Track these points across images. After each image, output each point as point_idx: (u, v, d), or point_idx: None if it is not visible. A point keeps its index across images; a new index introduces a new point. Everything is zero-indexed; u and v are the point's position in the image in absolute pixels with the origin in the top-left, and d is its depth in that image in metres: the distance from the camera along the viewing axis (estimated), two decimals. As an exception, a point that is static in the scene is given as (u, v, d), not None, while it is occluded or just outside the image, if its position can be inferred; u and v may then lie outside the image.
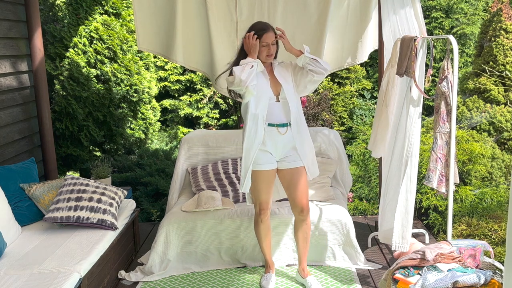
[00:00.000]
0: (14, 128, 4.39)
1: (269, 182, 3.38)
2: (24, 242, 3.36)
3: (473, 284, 2.61)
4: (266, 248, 3.57)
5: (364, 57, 4.39)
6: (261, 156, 3.31)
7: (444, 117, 3.25)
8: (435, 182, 3.31)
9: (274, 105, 3.29)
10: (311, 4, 4.15)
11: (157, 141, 7.89)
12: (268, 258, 3.62)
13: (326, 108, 7.63)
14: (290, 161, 3.35)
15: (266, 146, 3.30)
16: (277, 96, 3.29)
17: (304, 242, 3.50)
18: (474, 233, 3.94)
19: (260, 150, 3.30)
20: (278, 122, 3.29)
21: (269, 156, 3.33)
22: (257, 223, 3.49)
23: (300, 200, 3.39)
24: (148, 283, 3.65)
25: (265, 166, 3.33)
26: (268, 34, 3.24)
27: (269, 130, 3.28)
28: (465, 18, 7.97)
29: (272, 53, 3.28)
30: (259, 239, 3.54)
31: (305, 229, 3.46)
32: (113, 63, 6.14)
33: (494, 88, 5.37)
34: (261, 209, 3.42)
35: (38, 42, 4.62)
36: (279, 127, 3.29)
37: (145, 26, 4.18)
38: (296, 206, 3.41)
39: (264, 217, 3.44)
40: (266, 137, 3.29)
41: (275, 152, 3.34)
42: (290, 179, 3.37)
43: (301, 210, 3.40)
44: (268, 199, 3.42)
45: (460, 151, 4.67)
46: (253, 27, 3.28)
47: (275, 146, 3.31)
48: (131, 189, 4.83)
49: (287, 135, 3.30)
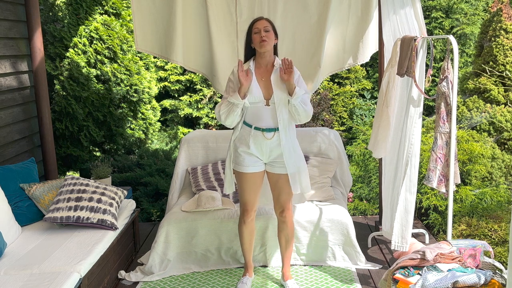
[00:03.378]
0: (14, 128, 4.39)
1: (254, 184, 3.35)
2: (24, 242, 3.36)
3: (473, 284, 2.61)
4: (247, 250, 3.55)
5: (365, 57, 4.37)
6: (247, 158, 3.29)
7: (444, 117, 3.25)
8: (435, 182, 3.31)
9: (263, 109, 3.23)
10: (311, 4, 4.15)
11: (157, 141, 7.89)
12: (248, 261, 3.60)
13: (326, 108, 7.63)
14: (278, 167, 3.31)
15: (251, 149, 3.27)
16: (268, 100, 3.23)
17: (286, 244, 3.49)
18: (474, 233, 3.94)
19: (245, 153, 3.28)
20: (264, 127, 3.23)
21: (255, 159, 3.30)
22: (240, 224, 3.48)
23: (283, 201, 3.38)
24: (148, 283, 3.65)
25: (250, 168, 3.30)
26: (259, 22, 3.22)
27: (255, 134, 3.24)
28: (465, 18, 7.97)
29: (265, 39, 3.17)
30: (241, 240, 3.52)
31: (286, 231, 3.44)
32: (113, 63, 6.15)
33: (494, 88, 5.37)
34: (245, 210, 3.41)
35: (38, 42, 4.62)
36: (265, 132, 3.23)
37: (143, 27, 4.18)
38: (279, 206, 3.41)
39: (247, 219, 3.43)
40: (251, 141, 3.25)
41: (261, 156, 3.30)
42: (277, 182, 3.36)
43: (282, 211, 3.40)
44: (252, 201, 3.38)
45: (460, 151, 4.67)
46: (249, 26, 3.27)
47: (261, 150, 3.27)
48: (131, 189, 4.83)
49: (273, 141, 3.24)
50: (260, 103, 3.22)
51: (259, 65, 3.30)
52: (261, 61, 3.29)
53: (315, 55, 4.17)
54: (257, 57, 3.30)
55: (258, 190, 3.40)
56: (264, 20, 3.24)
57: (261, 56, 3.27)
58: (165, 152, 6.88)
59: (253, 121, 3.25)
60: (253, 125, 3.24)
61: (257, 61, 3.31)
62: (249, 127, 3.26)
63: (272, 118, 3.23)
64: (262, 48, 3.20)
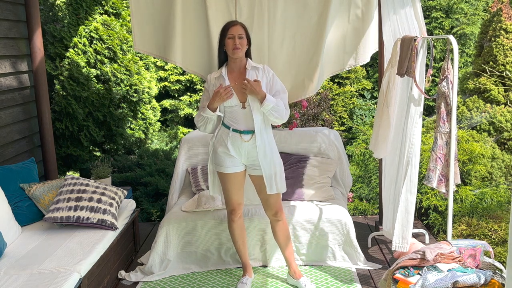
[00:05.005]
0: (14, 128, 4.39)
1: (237, 184, 3.38)
2: (24, 242, 3.36)
3: (473, 284, 2.61)
4: (241, 248, 3.55)
5: (366, 58, 4.36)
6: (226, 159, 3.32)
7: (444, 117, 3.25)
8: (435, 182, 3.31)
9: (239, 112, 3.25)
10: (311, 4, 4.14)
11: (157, 141, 7.89)
12: (244, 260, 3.59)
13: (326, 108, 7.63)
14: (257, 169, 3.33)
15: (229, 151, 3.29)
16: (243, 103, 3.24)
17: (286, 242, 3.49)
18: (474, 233, 3.94)
19: (224, 154, 3.31)
20: (242, 129, 3.26)
21: (234, 159, 3.32)
22: (229, 223, 3.50)
23: (274, 203, 3.39)
24: (148, 283, 3.65)
25: (230, 169, 3.33)
26: (234, 27, 3.22)
27: (233, 135, 3.26)
28: (465, 18, 7.97)
29: (239, 46, 3.20)
30: (233, 239, 3.53)
31: (283, 228, 3.46)
32: (113, 63, 6.15)
33: (494, 88, 5.37)
34: (232, 210, 3.44)
35: (38, 42, 4.62)
36: (242, 134, 3.26)
37: (142, 27, 4.16)
38: (270, 209, 3.41)
39: (235, 217, 3.45)
40: (229, 142, 3.27)
41: (239, 157, 3.32)
42: (260, 185, 3.37)
43: (275, 213, 3.41)
44: (237, 199, 3.42)
45: (460, 151, 4.67)
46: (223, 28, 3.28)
47: (238, 151, 3.29)
48: (131, 189, 4.83)
49: (250, 143, 3.27)
50: (236, 106, 3.25)
51: (232, 70, 3.32)
52: (233, 65, 3.32)
53: (315, 55, 4.16)
54: (229, 61, 3.33)
55: (242, 188, 3.43)
56: (239, 25, 3.25)
57: (234, 61, 3.30)
58: (165, 152, 6.88)
59: (231, 123, 3.28)
60: (231, 127, 3.27)
61: (229, 66, 3.33)
62: (227, 128, 3.29)
63: (249, 120, 3.25)
64: (235, 54, 3.24)
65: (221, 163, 3.33)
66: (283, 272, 3.75)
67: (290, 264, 3.54)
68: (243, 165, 3.37)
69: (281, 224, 3.45)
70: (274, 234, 3.50)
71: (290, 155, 4.34)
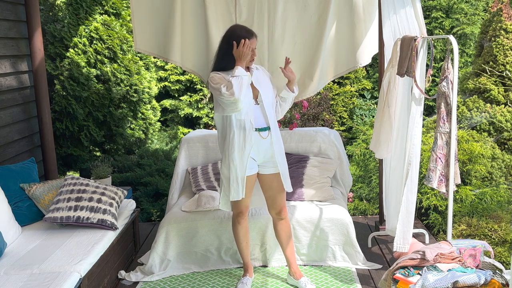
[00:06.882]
0: (14, 128, 4.39)
1: (251, 186, 3.38)
2: (24, 242, 3.36)
3: (473, 284, 2.61)
4: (244, 249, 3.55)
5: (367, 59, 4.35)
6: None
7: (444, 117, 3.25)
8: (435, 182, 3.31)
9: (252, 108, 3.24)
10: (311, 4, 4.14)
11: (157, 141, 7.89)
12: (246, 261, 3.60)
13: (326, 108, 7.63)
14: (270, 167, 3.34)
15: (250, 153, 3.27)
16: (256, 100, 3.26)
17: (288, 241, 3.50)
18: (474, 233, 3.94)
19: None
20: (259, 126, 3.26)
21: (251, 161, 3.30)
22: (234, 224, 3.49)
23: (280, 202, 3.41)
24: (148, 283, 3.65)
25: (248, 171, 3.30)
26: (253, 41, 3.21)
27: (252, 136, 3.24)
28: (465, 18, 7.97)
29: (254, 58, 3.28)
30: (236, 240, 3.53)
31: (285, 227, 3.47)
32: (113, 63, 6.15)
33: (494, 88, 5.37)
34: (240, 212, 3.43)
35: (38, 42, 4.62)
36: (261, 131, 3.27)
37: (142, 27, 4.17)
38: (275, 207, 3.42)
39: (241, 219, 3.45)
40: (248, 144, 3.23)
41: (257, 157, 3.32)
42: (271, 183, 3.37)
43: (279, 211, 3.43)
44: (247, 202, 3.42)
45: (460, 151, 4.67)
46: (241, 31, 3.19)
47: (257, 150, 3.29)
48: (131, 189, 4.83)
49: (268, 140, 3.29)
50: (250, 102, 3.24)
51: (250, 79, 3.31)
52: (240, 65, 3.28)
53: (315, 55, 4.16)
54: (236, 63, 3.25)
55: (252, 191, 3.43)
56: (255, 38, 3.23)
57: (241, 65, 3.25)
58: (165, 152, 6.88)
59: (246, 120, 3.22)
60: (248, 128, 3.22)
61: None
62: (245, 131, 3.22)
63: (263, 116, 3.27)
64: (250, 64, 3.29)
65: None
66: (283, 272, 3.75)
67: (291, 264, 3.54)
68: (256, 166, 3.36)
69: (283, 223, 3.46)
70: (276, 233, 3.50)
71: (290, 155, 4.34)
